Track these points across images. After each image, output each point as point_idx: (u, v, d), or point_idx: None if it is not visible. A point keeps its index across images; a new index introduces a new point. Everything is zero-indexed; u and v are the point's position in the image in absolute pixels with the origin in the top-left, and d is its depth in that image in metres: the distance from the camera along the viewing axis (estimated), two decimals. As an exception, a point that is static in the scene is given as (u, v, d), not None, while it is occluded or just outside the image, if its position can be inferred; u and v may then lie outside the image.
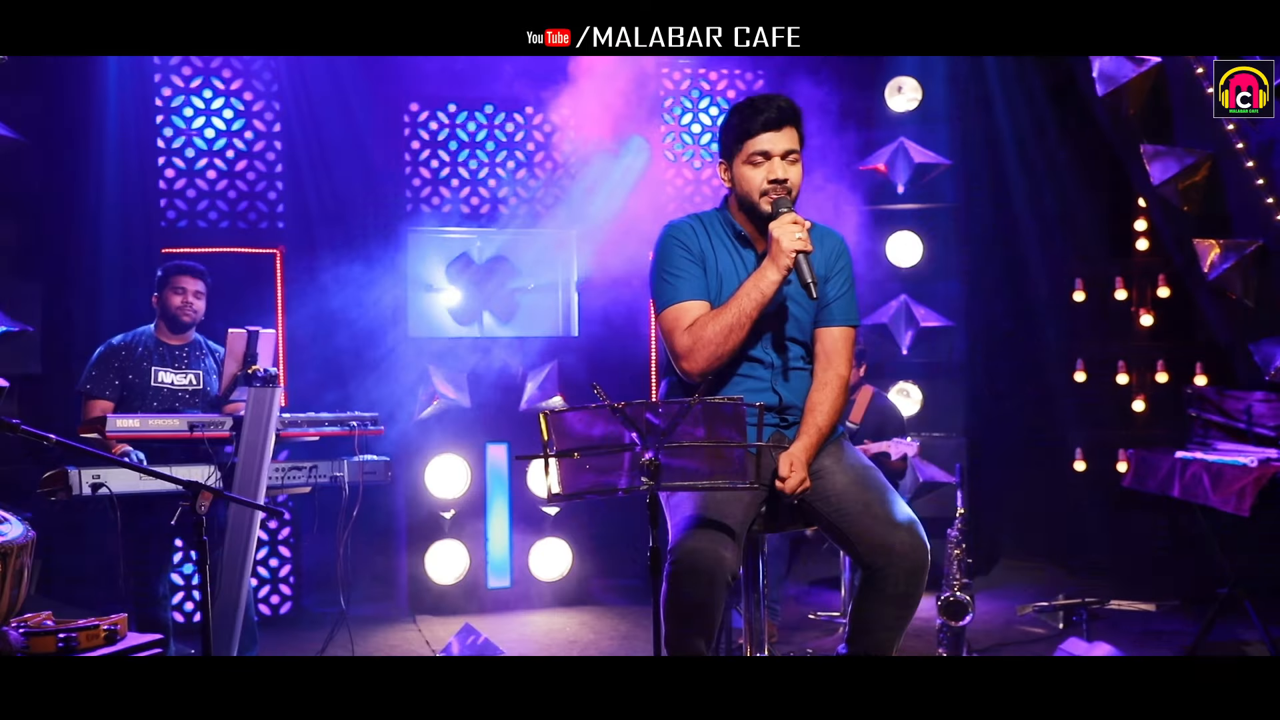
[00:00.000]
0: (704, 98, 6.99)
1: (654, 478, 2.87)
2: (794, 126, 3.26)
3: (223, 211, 6.32)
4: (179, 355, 5.05)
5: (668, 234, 3.35)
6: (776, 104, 3.23)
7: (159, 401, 4.94)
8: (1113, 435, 6.81)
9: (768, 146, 3.21)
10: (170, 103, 6.22)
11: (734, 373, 3.30)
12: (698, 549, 2.99)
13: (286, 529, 6.37)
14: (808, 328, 3.36)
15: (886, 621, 3.14)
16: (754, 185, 3.23)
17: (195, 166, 6.27)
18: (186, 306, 5.01)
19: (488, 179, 6.66)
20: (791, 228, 3.13)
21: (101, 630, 3.07)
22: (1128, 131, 5.11)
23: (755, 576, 3.33)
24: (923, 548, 3.12)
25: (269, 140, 6.38)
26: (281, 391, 4.48)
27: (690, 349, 3.21)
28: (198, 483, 3.13)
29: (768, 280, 3.15)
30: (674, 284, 3.28)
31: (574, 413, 2.88)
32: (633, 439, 2.87)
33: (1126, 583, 6.51)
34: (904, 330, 6.87)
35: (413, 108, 6.58)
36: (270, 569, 6.34)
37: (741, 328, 3.17)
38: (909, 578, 3.09)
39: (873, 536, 3.12)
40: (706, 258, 3.31)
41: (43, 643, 2.97)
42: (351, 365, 6.33)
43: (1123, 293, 6.97)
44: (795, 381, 3.34)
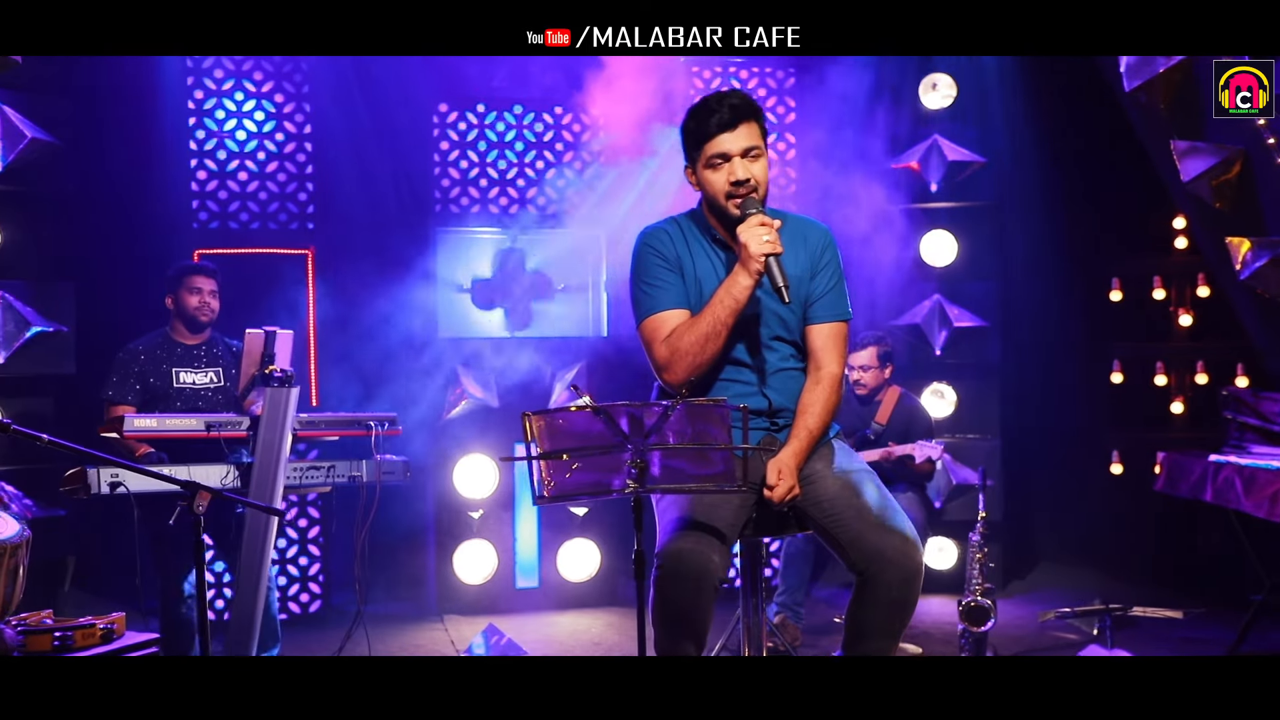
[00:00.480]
0: (734, 96, 6.92)
1: (639, 480, 2.85)
2: (751, 121, 3.19)
3: (253, 213, 6.38)
4: (197, 355, 5.10)
5: (643, 242, 3.32)
6: (729, 102, 3.17)
7: (182, 402, 5.00)
8: (1151, 438, 6.66)
9: (726, 147, 3.15)
10: (203, 105, 6.29)
11: (718, 378, 3.26)
12: (684, 552, 2.95)
13: (316, 528, 6.43)
14: (795, 326, 3.30)
15: (881, 628, 3.08)
16: (718, 189, 3.18)
17: (227, 168, 6.33)
18: (204, 306, 5.08)
19: (516, 179, 6.67)
20: (759, 230, 3.06)
21: (98, 629, 3.10)
22: (1156, 127, 4.99)
23: (755, 580, 3.30)
24: (915, 553, 3.06)
25: (299, 142, 6.44)
26: (295, 391, 4.50)
27: (669, 360, 3.18)
28: (196, 483, 3.16)
29: (740, 286, 3.10)
30: (651, 294, 3.25)
31: (559, 414, 2.87)
32: (617, 441, 2.84)
33: (1168, 588, 6.38)
34: (937, 330, 6.78)
35: (442, 108, 6.60)
36: (300, 567, 6.40)
37: (718, 336, 3.13)
38: (902, 584, 3.03)
39: (864, 542, 3.06)
40: (683, 263, 3.26)
41: (39, 641, 3.01)
42: (381, 365, 6.36)
43: (1161, 292, 6.82)
44: (785, 383, 3.28)
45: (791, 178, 6.97)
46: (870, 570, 3.05)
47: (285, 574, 6.36)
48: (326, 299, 6.43)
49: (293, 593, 6.37)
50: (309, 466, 4.79)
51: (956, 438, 6.90)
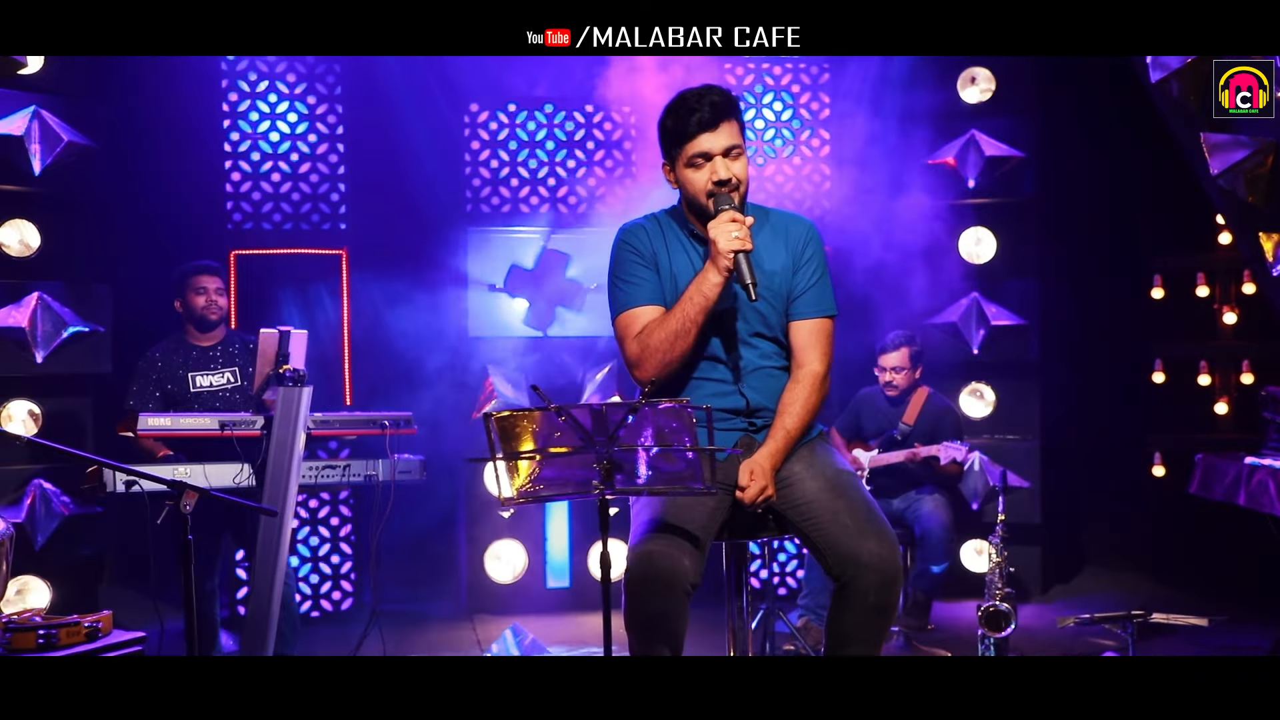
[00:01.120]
0: (767, 93, 6.88)
1: (605, 482, 2.83)
2: (731, 119, 3.13)
3: (286, 214, 6.45)
4: (212, 355, 5.16)
5: (620, 239, 3.29)
6: (709, 100, 3.10)
7: (200, 404, 5.06)
8: (1194, 440, 6.49)
9: (706, 147, 3.10)
10: (237, 107, 6.37)
11: (692, 376, 3.22)
12: (653, 555, 2.92)
13: (348, 526, 6.48)
14: (776, 323, 3.23)
15: (862, 634, 3.01)
16: (699, 188, 3.13)
17: (260, 169, 6.40)
18: (211, 305, 5.14)
19: (547, 178, 6.67)
20: (728, 226, 3.02)
21: (82, 627, 3.13)
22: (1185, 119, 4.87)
23: (740, 583, 3.26)
24: (893, 558, 2.99)
25: (331, 143, 6.49)
26: (308, 390, 4.52)
27: (639, 357, 3.15)
28: (182, 482, 3.18)
29: (709, 283, 3.05)
30: (625, 290, 3.22)
31: (521, 415, 2.85)
32: (581, 443, 2.83)
33: (1215, 594, 6.22)
34: (975, 329, 6.67)
35: (473, 108, 6.62)
36: (332, 565, 6.45)
37: (687, 334, 3.08)
38: (880, 589, 2.97)
39: (841, 546, 3.00)
40: (659, 259, 3.22)
41: (23, 638, 3.05)
42: (413, 365, 6.40)
43: (1204, 289, 6.65)
44: (764, 381, 3.22)
45: (826, 174, 6.90)
46: (847, 575, 3.00)
47: (317, 571, 6.42)
48: (359, 298, 6.48)
49: (325, 590, 6.43)
50: (324, 465, 4.83)
51: (995, 439, 6.78)
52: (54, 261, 5.91)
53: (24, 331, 5.67)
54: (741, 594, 3.25)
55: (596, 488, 2.86)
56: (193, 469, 4.59)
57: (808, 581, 5.51)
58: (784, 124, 6.89)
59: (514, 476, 2.91)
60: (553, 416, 2.81)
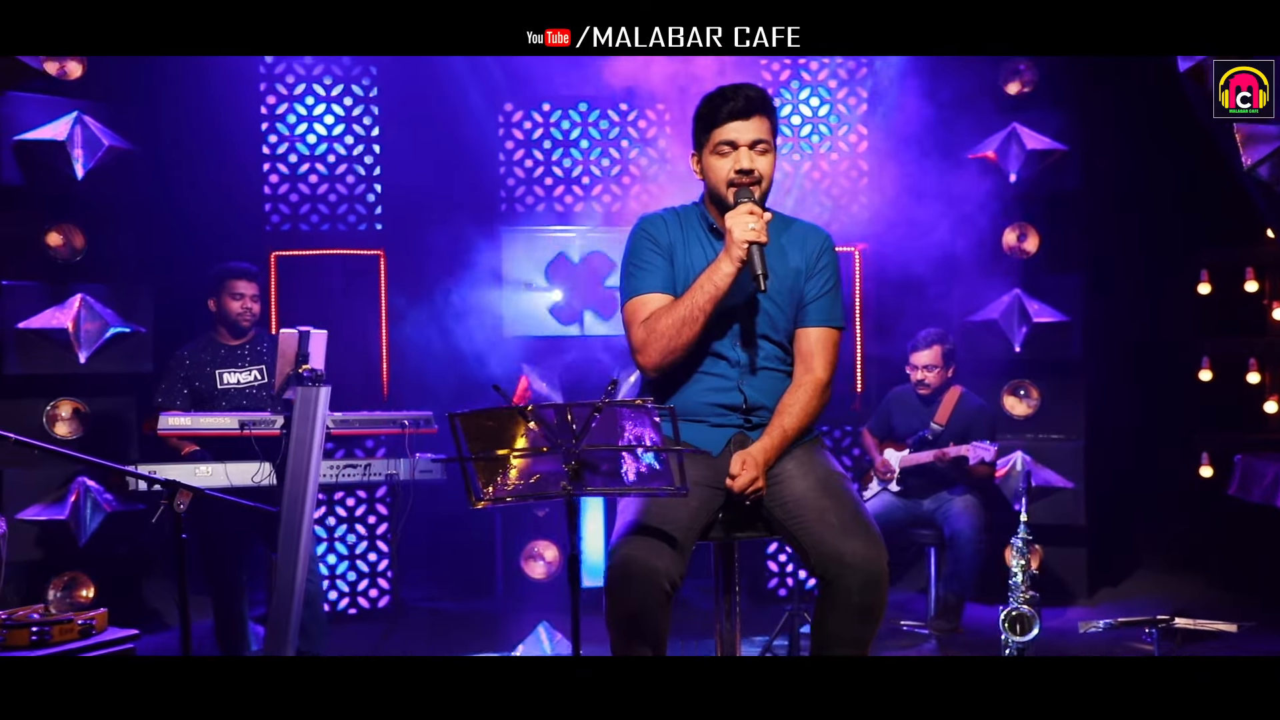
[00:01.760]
0: (804, 88, 6.81)
1: (573, 483, 2.82)
2: (764, 116, 3.18)
3: (324, 214, 6.52)
4: (241, 354, 5.23)
5: (637, 227, 3.30)
6: (745, 93, 3.16)
7: (227, 401, 5.13)
8: (1243, 439, 6.31)
9: (734, 136, 3.14)
10: (275, 110, 6.45)
11: (697, 369, 3.21)
12: (630, 558, 2.91)
13: (384, 525, 6.54)
14: (784, 327, 3.24)
15: (847, 636, 2.97)
16: (721, 176, 3.16)
17: (298, 171, 6.48)
18: (246, 312, 5.20)
19: (581, 177, 6.67)
20: (746, 218, 3.04)
21: (76, 625, 3.19)
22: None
23: (729, 582, 3.23)
24: (878, 558, 2.95)
25: (368, 144, 6.55)
26: (326, 390, 4.57)
27: (644, 342, 3.15)
28: (176, 481, 3.22)
29: (721, 273, 3.06)
30: (637, 276, 3.23)
31: (486, 415, 2.85)
32: (546, 443, 2.82)
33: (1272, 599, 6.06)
34: (1017, 327, 6.55)
35: (507, 107, 6.64)
36: (369, 563, 6.51)
37: (695, 321, 3.08)
38: (864, 589, 2.93)
39: (825, 546, 2.97)
40: (675, 250, 3.23)
41: (17, 635, 3.11)
42: (449, 364, 6.44)
43: (1253, 284, 6.45)
44: (766, 382, 3.22)
45: (864, 170, 6.81)
46: (830, 575, 2.96)
47: (355, 569, 6.49)
48: (396, 298, 6.53)
49: (362, 588, 6.49)
50: (345, 464, 4.88)
51: (1039, 438, 6.66)
52: (97, 264, 6.03)
53: (67, 332, 5.80)
54: (730, 591, 3.23)
55: (565, 489, 2.85)
56: (214, 468, 4.66)
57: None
58: (821, 120, 6.81)
59: (483, 477, 2.91)
60: (515, 417, 2.80)
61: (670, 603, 2.94)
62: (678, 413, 3.21)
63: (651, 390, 3.29)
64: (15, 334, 5.77)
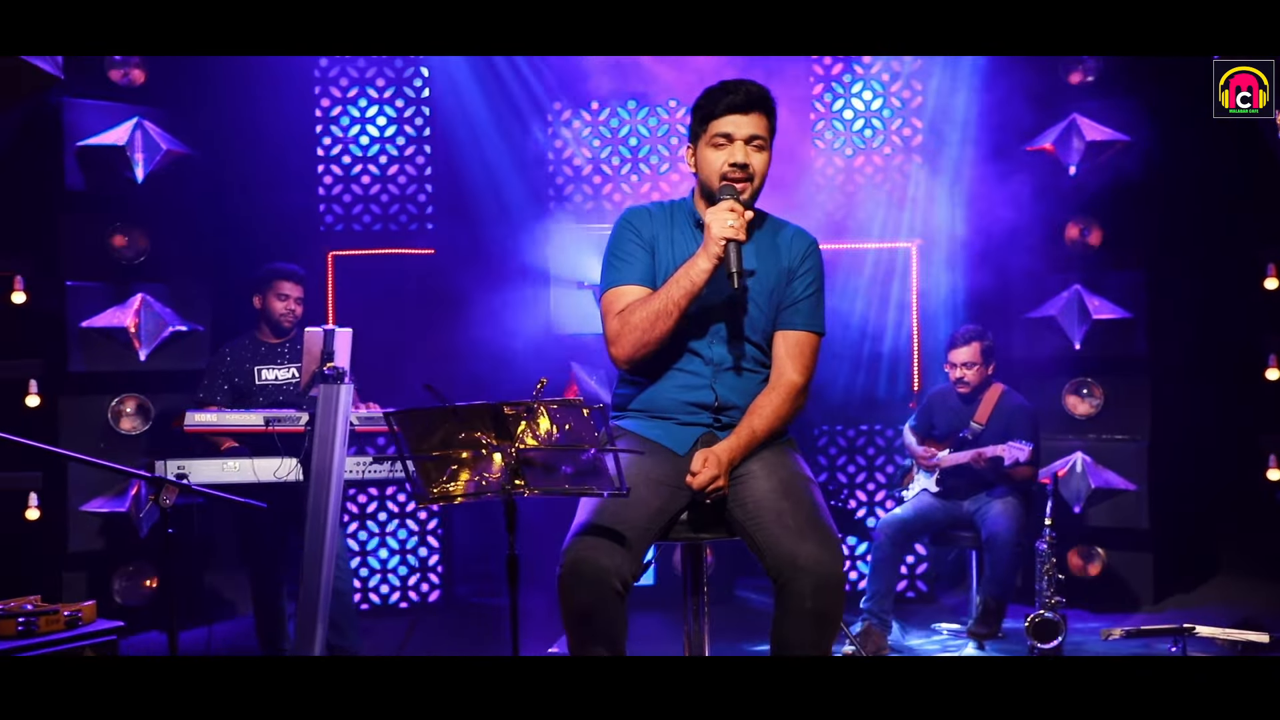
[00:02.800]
0: (856, 81, 6.70)
1: (512, 483, 2.81)
2: (763, 114, 3.12)
3: (375, 215, 6.63)
4: (280, 351, 5.34)
5: (622, 218, 3.28)
6: (746, 88, 3.11)
7: (264, 398, 5.24)
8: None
9: (730, 129, 3.09)
10: (329, 112, 6.58)
11: (672, 365, 3.17)
12: (579, 557, 2.88)
13: (434, 520, 6.63)
14: (763, 329, 3.19)
15: (802, 640, 2.89)
16: (714, 168, 3.12)
17: (351, 172, 6.60)
18: (289, 313, 5.31)
19: (630, 175, 6.66)
20: (725, 215, 2.99)
21: (62, 616, 3.28)
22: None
23: (697, 581, 3.19)
24: (832, 561, 2.87)
25: (419, 144, 6.64)
26: (349, 388, 4.63)
27: (618, 334, 3.12)
28: (162, 477, 3.30)
29: (698, 269, 3.02)
30: (617, 267, 3.20)
31: (420, 413, 2.86)
32: (485, 441, 2.81)
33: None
34: (1076, 324, 6.35)
35: (555, 106, 6.67)
36: (419, 558, 6.60)
37: (669, 315, 3.04)
38: (816, 593, 2.85)
39: (779, 548, 2.90)
40: (659, 243, 3.20)
41: (4, 625, 3.21)
42: (500, 361, 6.48)
43: (1322, 280, 6.14)
44: (740, 382, 3.17)
45: (918, 164, 6.67)
46: (784, 577, 2.90)
47: (405, 564, 6.58)
48: (448, 296, 6.61)
49: (413, 583, 6.58)
50: (371, 461, 4.94)
51: (1101, 439, 6.45)
52: (157, 264, 6.23)
53: (128, 331, 6.00)
54: (697, 592, 3.19)
55: (504, 488, 2.84)
56: (241, 463, 4.77)
57: (870, 584, 5.36)
58: (874, 113, 6.70)
59: (425, 476, 2.91)
60: (448, 415, 2.80)
61: (623, 601, 2.91)
62: (648, 409, 3.20)
63: (626, 386, 3.27)
64: (80, 332, 5.99)
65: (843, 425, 6.69)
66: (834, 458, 6.70)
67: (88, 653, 3.35)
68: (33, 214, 6.06)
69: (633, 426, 3.22)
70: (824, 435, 6.70)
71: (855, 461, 6.70)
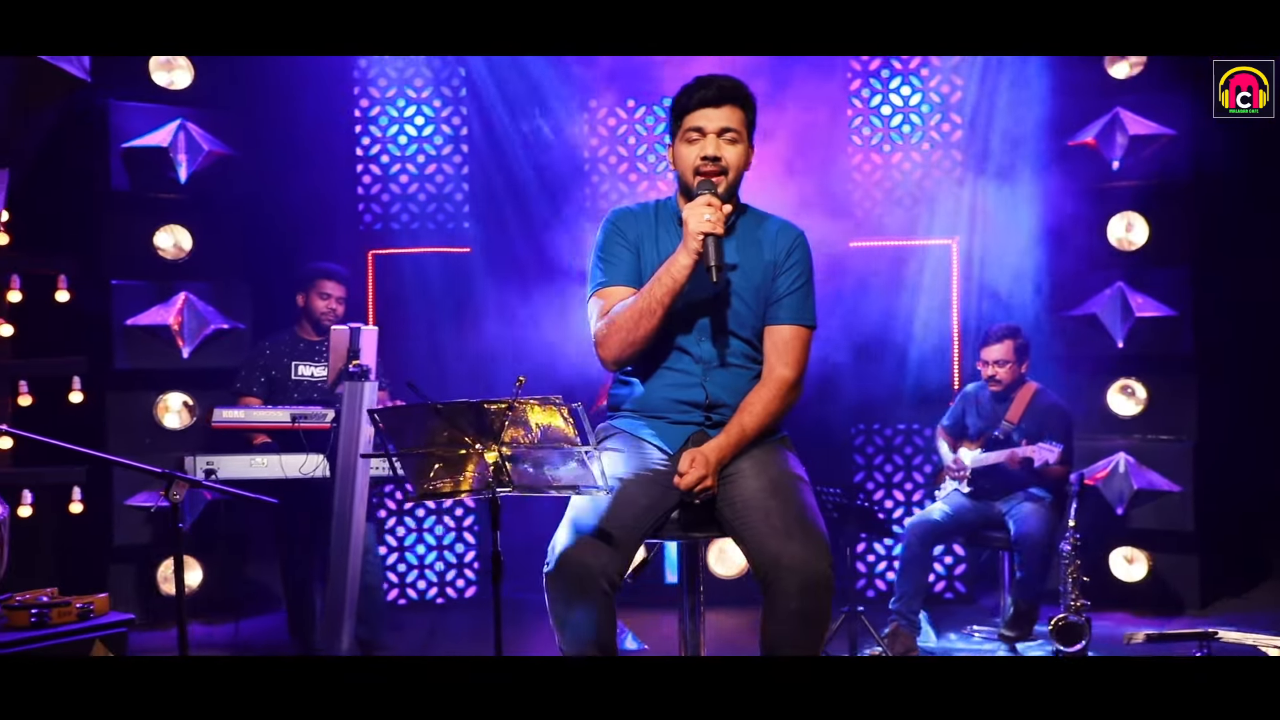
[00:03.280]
0: (894, 77, 6.62)
1: (495, 481, 2.82)
2: (737, 107, 3.12)
3: (413, 214, 6.69)
4: (317, 349, 5.41)
5: (606, 220, 3.28)
6: (718, 83, 3.11)
7: (299, 393, 5.32)
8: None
9: (702, 123, 3.09)
10: (368, 112, 6.66)
11: (661, 364, 3.16)
12: (565, 556, 2.88)
13: (471, 516, 6.68)
14: (752, 324, 3.17)
15: (789, 641, 2.86)
16: (688, 163, 3.12)
17: (389, 171, 6.67)
18: (330, 312, 5.39)
19: (666, 172, 6.65)
20: (702, 209, 2.98)
21: (74, 608, 3.35)
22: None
23: (693, 580, 3.18)
24: (817, 561, 2.83)
25: (456, 144, 6.69)
26: (373, 385, 4.69)
27: (604, 336, 3.12)
28: (172, 472, 3.36)
29: (678, 265, 3.01)
30: (602, 269, 3.20)
31: (401, 412, 2.88)
32: (466, 440, 2.82)
33: None
34: (1119, 321, 6.23)
35: (592, 104, 6.68)
36: (456, 554, 6.66)
37: (652, 314, 3.03)
38: (802, 593, 2.82)
39: (765, 547, 2.88)
40: (643, 244, 3.19)
41: (18, 616, 3.29)
42: (538, 359, 6.51)
43: (1375, 276, 5.98)
44: (730, 380, 3.15)
45: (957, 160, 6.58)
46: (769, 578, 2.87)
47: (443, 560, 6.64)
48: (486, 295, 6.65)
49: (450, 578, 6.64)
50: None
51: (1146, 439, 6.33)
52: (200, 263, 6.35)
53: (171, 329, 6.12)
54: (694, 590, 3.17)
55: (488, 486, 2.85)
56: (270, 458, 4.84)
57: (900, 585, 5.31)
58: (912, 109, 6.62)
59: (412, 473, 2.93)
60: (429, 414, 2.82)
61: (610, 600, 2.90)
62: (641, 408, 3.20)
63: (620, 386, 3.27)
64: (124, 330, 6.12)
65: (880, 424, 6.63)
66: (871, 457, 6.64)
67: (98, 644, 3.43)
68: (79, 214, 6.22)
69: (626, 426, 3.22)
70: (860, 434, 6.64)
71: (893, 461, 6.63)
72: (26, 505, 5.71)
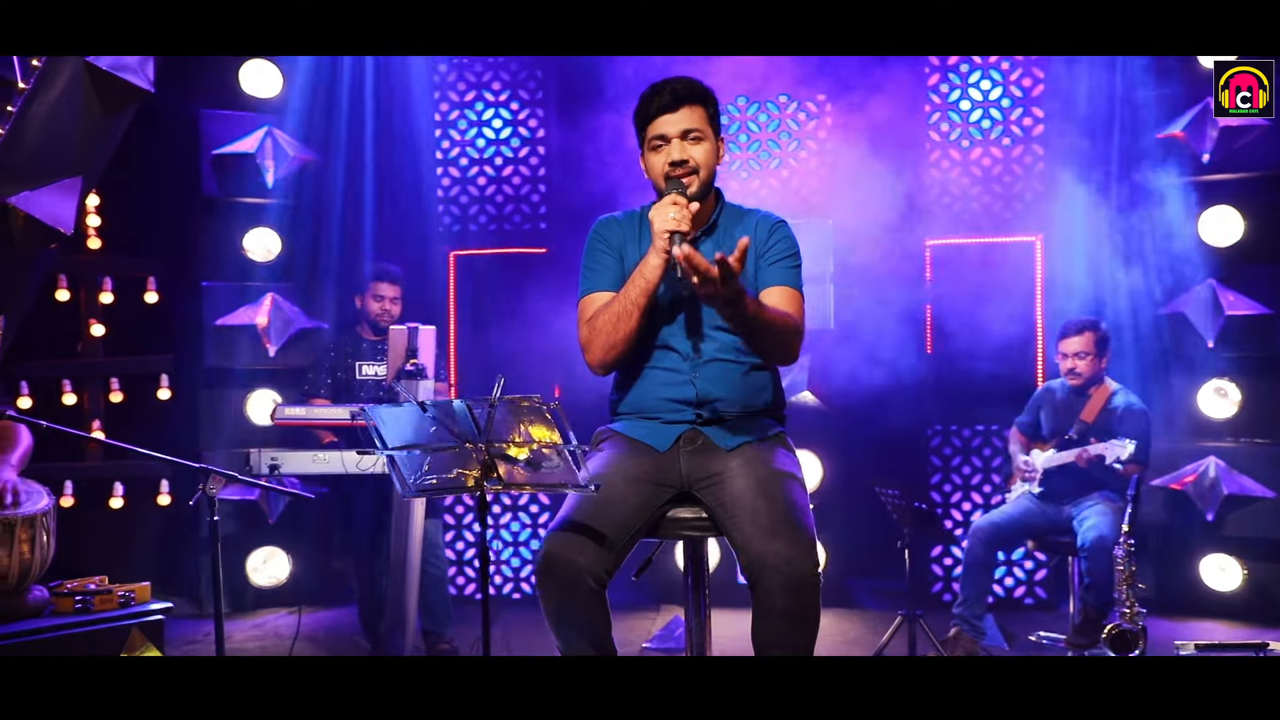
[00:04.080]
0: (973, 71, 6.48)
1: (484, 478, 2.84)
2: (694, 105, 3.11)
3: (491, 215, 6.79)
4: (379, 348, 5.54)
5: (592, 229, 3.30)
6: (671, 86, 3.11)
7: (364, 392, 5.45)
8: None
9: (664, 130, 3.10)
10: (447, 116, 6.78)
11: (648, 363, 3.16)
12: (553, 554, 2.88)
13: (546, 514, 6.75)
14: None
15: (775, 642, 2.83)
16: (657, 171, 3.14)
17: (467, 174, 6.78)
18: (385, 313, 5.50)
19: (740, 171, 6.63)
20: (667, 209, 2.98)
21: (116, 596, 3.49)
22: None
23: (699, 579, 3.17)
24: (803, 561, 2.79)
25: (533, 146, 6.77)
26: (429, 383, 4.78)
27: (588, 340, 3.13)
28: (209, 467, 3.48)
29: (650, 266, 3.02)
30: (588, 277, 3.22)
31: (392, 409, 2.92)
32: (455, 438, 2.85)
33: None
34: (1210, 320, 6.00)
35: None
36: (531, 551, 6.74)
37: (629, 315, 3.03)
38: (787, 594, 2.78)
39: (752, 547, 2.84)
40: (626, 249, 3.21)
41: (64, 603, 3.44)
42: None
43: None
44: (717, 373, 3.12)
45: (1039, 155, 6.42)
46: (756, 577, 2.84)
47: (519, 556, 6.73)
48: (563, 295, 6.71)
49: (525, 574, 6.73)
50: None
51: (1239, 442, 6.09)
52: (285, 265, 6.55)
53: (257, 328, 6.34)
54: (699, 588, 3.16)
55: (477, 483, 2.88)
56: (330, 454, 4.97)
57: (963, 589, 5.19)
58: (992, 103, 6.47)
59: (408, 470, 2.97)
60: (418, 412, 2.86)
61: (600, 598, 2.89)
62: (636, 410, 3.20)
63: (616, 389, 3.28)
64: (214, 330, 6.35)
65: (957, 425, 6.50)
66: (948, 458, 6.51)
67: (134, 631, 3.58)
68: (171, 220, 6.47)
69: (621, 428, 3.23)
70: (938, 435, 6.52)
71: (971, 463, 6.50)
72: (118, 497, 5.96)
